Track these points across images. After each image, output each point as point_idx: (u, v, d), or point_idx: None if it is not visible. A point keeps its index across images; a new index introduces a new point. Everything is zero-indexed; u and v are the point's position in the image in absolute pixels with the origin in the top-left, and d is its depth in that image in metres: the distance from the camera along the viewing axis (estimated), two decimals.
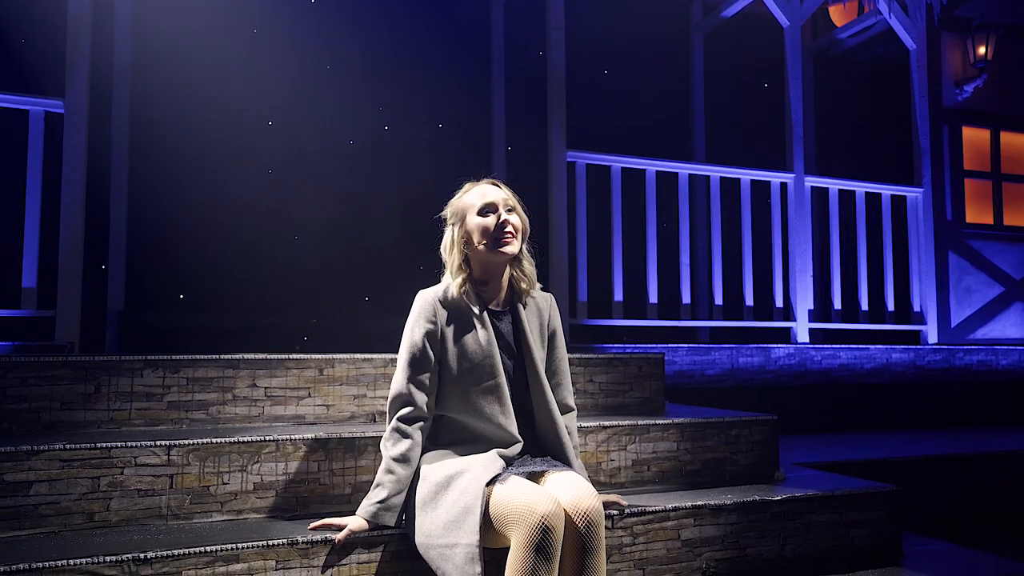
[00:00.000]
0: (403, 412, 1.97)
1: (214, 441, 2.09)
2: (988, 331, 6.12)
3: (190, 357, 2.35)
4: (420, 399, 1.98)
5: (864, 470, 3.29)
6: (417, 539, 1.88)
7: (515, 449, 1.99)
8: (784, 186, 5.28)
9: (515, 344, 2.07)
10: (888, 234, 5.51)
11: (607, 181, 4.75)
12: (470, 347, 2.00)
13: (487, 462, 1.88)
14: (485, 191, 2.05)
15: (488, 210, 2.02)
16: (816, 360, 4.86)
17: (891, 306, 5.50)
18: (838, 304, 5.35)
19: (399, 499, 1.93)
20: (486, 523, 1.76)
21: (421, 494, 1.90)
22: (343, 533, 1.89)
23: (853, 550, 2.47)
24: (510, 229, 2.00)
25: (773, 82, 5.86)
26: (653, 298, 4.78)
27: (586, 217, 4.64)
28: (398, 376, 2.01)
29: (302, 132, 5.04)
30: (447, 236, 2.08)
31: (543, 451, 2.06)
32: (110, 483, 1.99)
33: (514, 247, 2.02)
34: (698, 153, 6.24)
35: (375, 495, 1.93)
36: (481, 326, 2.02)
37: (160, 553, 1.75)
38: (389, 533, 1.94)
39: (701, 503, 2.31)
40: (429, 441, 2.04)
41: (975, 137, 6.37)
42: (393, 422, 1.97)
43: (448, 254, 2.06)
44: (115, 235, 4.45)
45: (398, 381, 2.00)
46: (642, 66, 6.09)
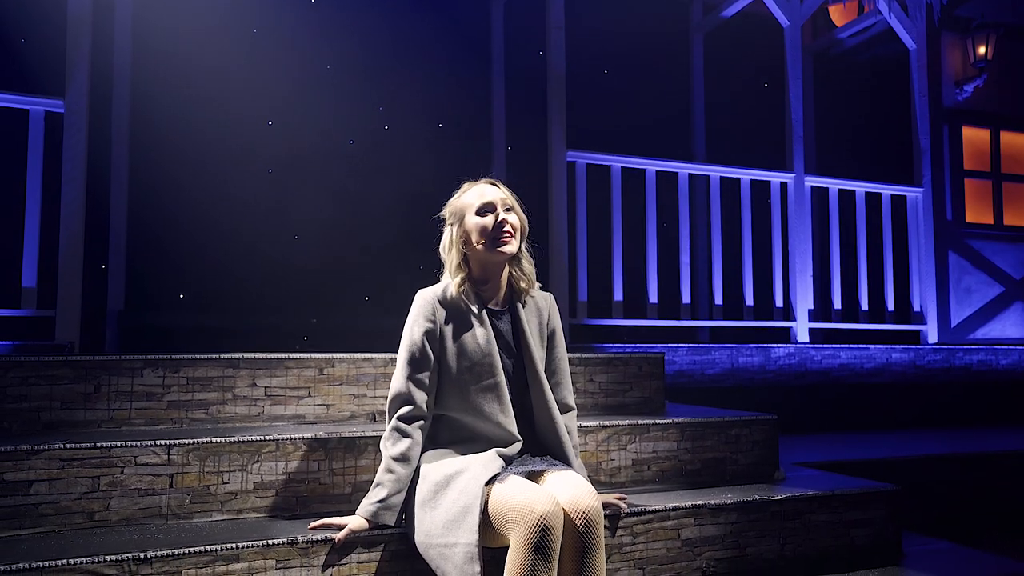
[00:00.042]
0: (403, 411, 1.97)
1: (214, 440, 2.09)
2: (988, 331, 6.12)
3: (190, 357, 2.35)
4: (419, 398, 1.98)
5: (864, 470, 3.28)
6: (417, 538, 1.88)
7: (514, 448, 1.99)
8: (784, 186, 5.28)
9: (514, 343, 2.07)
10: (888, 234, 5.51)
11: (607, 181, 4.75)
12: (469, 346, 2.00)
13: (486, 461, 1.88)
14: (483, 191, 2.05)
15: (486, 209, 2.02)
16: (816, 360, 4.86)
17: (891, 306, 5.50)
18: (838, 304, 5.35)
19: (399, 498, 1.93)
20: (485, 522, 1.76)
21: (421, 493, 1.91)
22: (343, 532, 1.89)
23: (853, 549, 2.47)
24: (508, 228, 2.00)
25: (773, 82, 5.86)
26: (653, 298, 4.78)
27: (586, 217, 4.64)
28: (397, 375, 2.01)
29: (302, 132, 5.04)
30: (446, 236, 2.08)
31: (543, 450, 2.06)
32: (110, 482, 1.99)
33: (512, 246, 2.02)
34: (698, 153, 6.24)
35: (375, 494, 1.93)
36: (480, 325, 2.02)
37: (160, 552, 1.75)
38: (389, 532, 1.94)
39: (701, 503, 2.31)
40: (429, 440, 2.04)
41: (975, 137, 6.37)
42: (393, 421, 1.98)
43: (447, 254, 2.07)
44: (115, 235, 4.45)
45: (397, 380, 2.00)
46: (642, 66, 6.10)
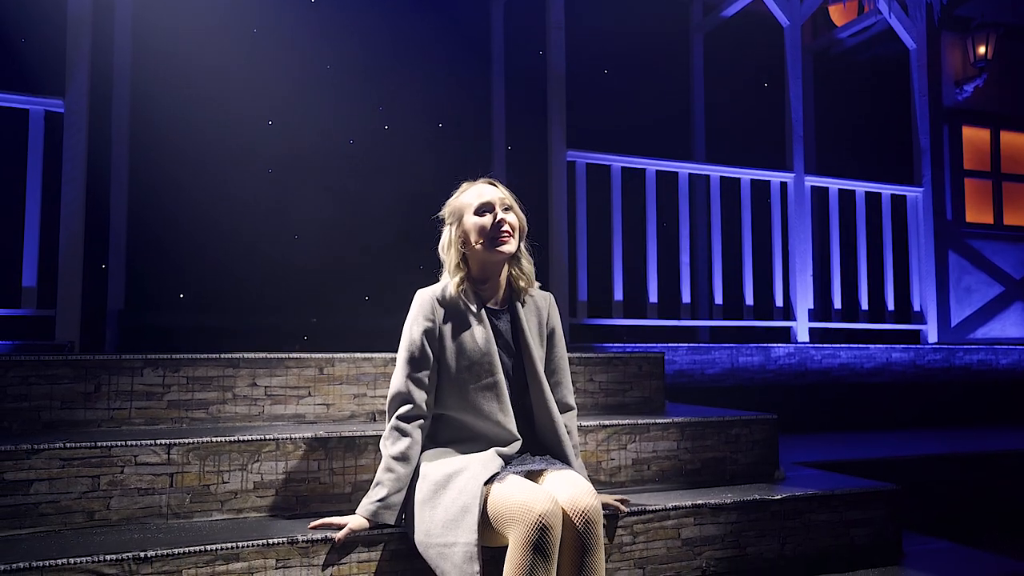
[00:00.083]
0: (402, 410, 1.97)
1: (214, 440, 2.09)
2: (988, 330, 6.12)
3: (190, 356, 2.35)
4: (419, 397, 1.98)
5: (864, 469, 3.28)
6: (416, 538, 1.88)
7: (514, 447, 1.99)
8: (784, 186, 5.28)
9: (513, 342, 2.07)
10: (888, 233, 5.51)
11: (607, 181, 4.75)
12: (468, 345, 2.01)
13: (485, 461, 1.88)
14: (482, 190, 2.05)
15: (485, 209, 2.02)
16: (816, 359, 4.86)
17: (891, 305, 5.49)
18: (838, 303, 5.35)
19: (399, 497, 1.93)
20: (484, 522, 1.76)
21: (420, 493, 1.91)
22: (343, 532, 1.89)
23: (853, 549, 2.47)
24: (507, 228, 2.00)
25: (773, 82, 5.86)
26: (653, 297, 4.78)
27: (586, 216, 4.64)
28: (397, 374, 2.01)
29: (302, 132, 5.04)
30: (445, 235, 2.08)
31: (543, 450, 2.06)
32: (110, 482, 1.99)
33: (511, 246, 2.02)
34: (698, 153, 6.24)
35: (375, 493, 1.93)
36: (479, 324, 2.02)
37: (160, 552, 1.75)
38: (389, 532, 1.94)
39: (701, 502, 2.30)
40: (428, 439, 2.04)
41: (975, 137, 6.37)
42: (392, 420, 1.98)
43: (445, 253, 2.07)
44: (115, 235, 4.45)
45: (397, 379, 2.01)
46: (642, 66, 6.10)
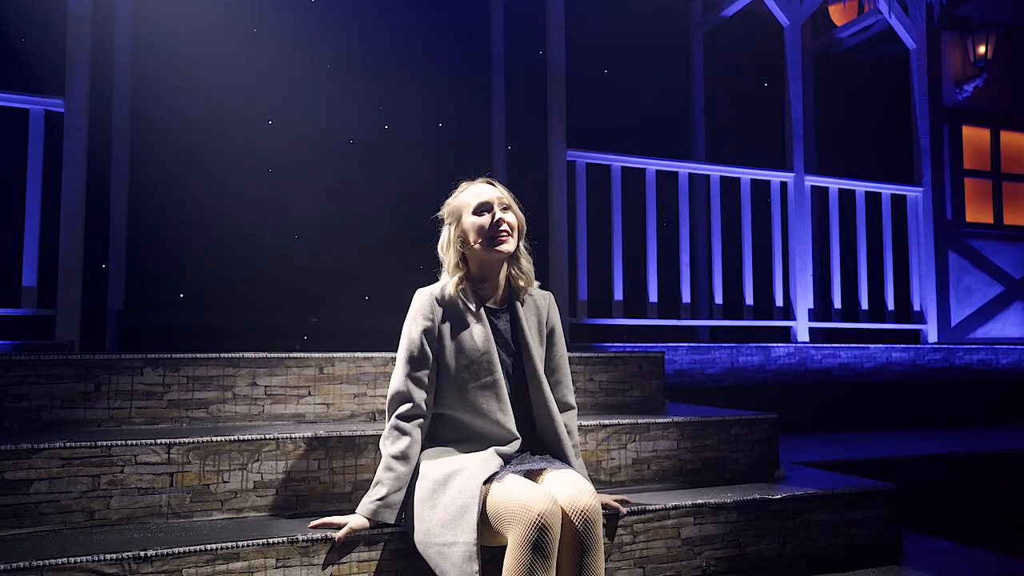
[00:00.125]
0: (402, 409, 1.97)
1: (214, 439, 2.09)
2: (988, 330, 6.12)
3: (190, 356, 2.35)
4: (419, 396, 1.98)
5: (864, 469, 3.28)
6: (416, 537, 1.88)
7: (514, 447, 1.99)
8: (784, 185, 5.28)
9: (513, 342, 2.07)
10: (888, 233, 5.51)
11: (607, 180, 4.75)
12: (467, 344, 2.01)
13: (485, 460, 1.88)
14: (480, 190, 2.05)
15: (483, 209, 2.02)
16: (816, 359, 4.86)
17: (891, 305, 5.50)
18: (838, 303, 5.35)
19: (399, 496, 1.93)
20: (484, 521, 1.76)
21: (420, 492, 1.91)
22: (343, 531, 1.89)
23: (853, 549, 2.47)
24: (505, 227, 2.00)
25: (773, 81, 5.86)
26: (653, 297, 4.78)
27: (586, 216, 4.64)
28: (396, 374, 2.01)
29: (302, 131, 5.04)
30: (444, 235, 2.08)
31: (543, 449, 2.06)
32: (110, 481, 1.99)
33: (510, 245, 2.02)
34: (698, 152, 6.24)
35: (375, 493, 1.93)
36: (478, 323, 2.03)
37: (160, 551, 1.75)
38: (389, 531, 1.94)
39: (701, 502, 2.30)
40: (428, 439, 2.04)
41: (975, 136, 6.37)
42: (392, 420, 1.98)
43: (445, 253, 2.07)
44: (115, 234, 4.45)
45: (396, 379, 2.01)
46: (642, 65, 6.10)
